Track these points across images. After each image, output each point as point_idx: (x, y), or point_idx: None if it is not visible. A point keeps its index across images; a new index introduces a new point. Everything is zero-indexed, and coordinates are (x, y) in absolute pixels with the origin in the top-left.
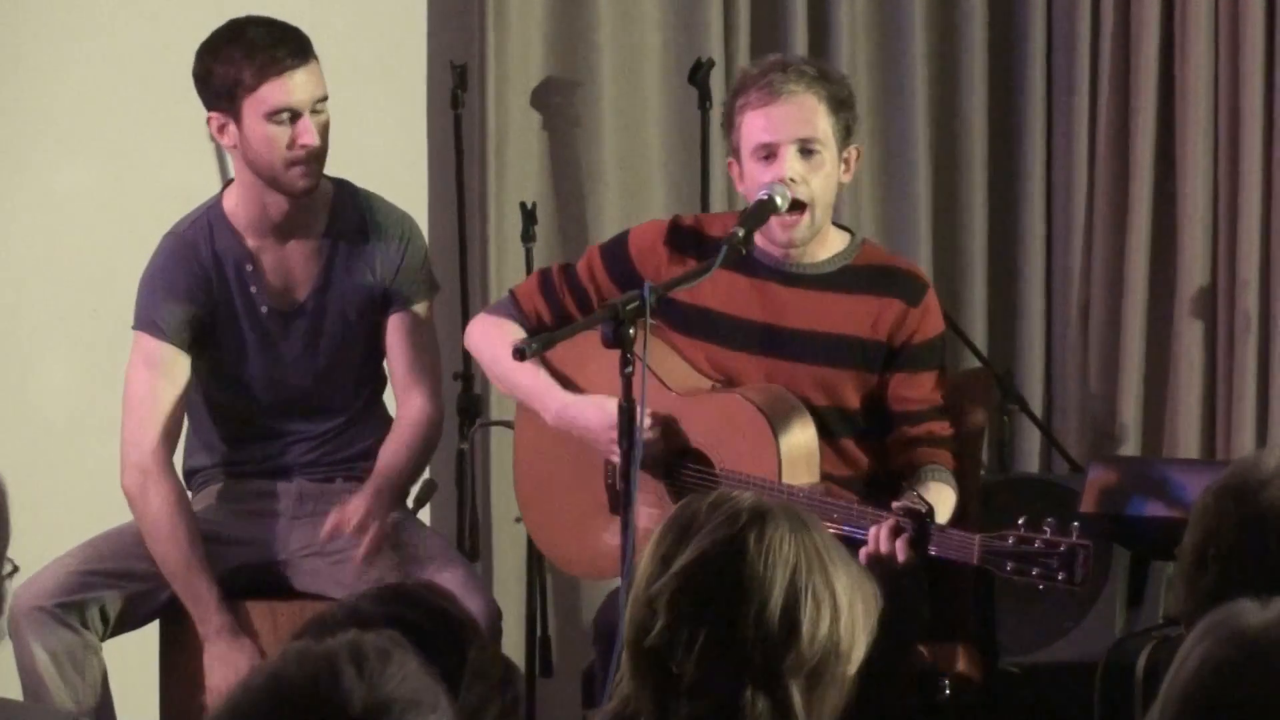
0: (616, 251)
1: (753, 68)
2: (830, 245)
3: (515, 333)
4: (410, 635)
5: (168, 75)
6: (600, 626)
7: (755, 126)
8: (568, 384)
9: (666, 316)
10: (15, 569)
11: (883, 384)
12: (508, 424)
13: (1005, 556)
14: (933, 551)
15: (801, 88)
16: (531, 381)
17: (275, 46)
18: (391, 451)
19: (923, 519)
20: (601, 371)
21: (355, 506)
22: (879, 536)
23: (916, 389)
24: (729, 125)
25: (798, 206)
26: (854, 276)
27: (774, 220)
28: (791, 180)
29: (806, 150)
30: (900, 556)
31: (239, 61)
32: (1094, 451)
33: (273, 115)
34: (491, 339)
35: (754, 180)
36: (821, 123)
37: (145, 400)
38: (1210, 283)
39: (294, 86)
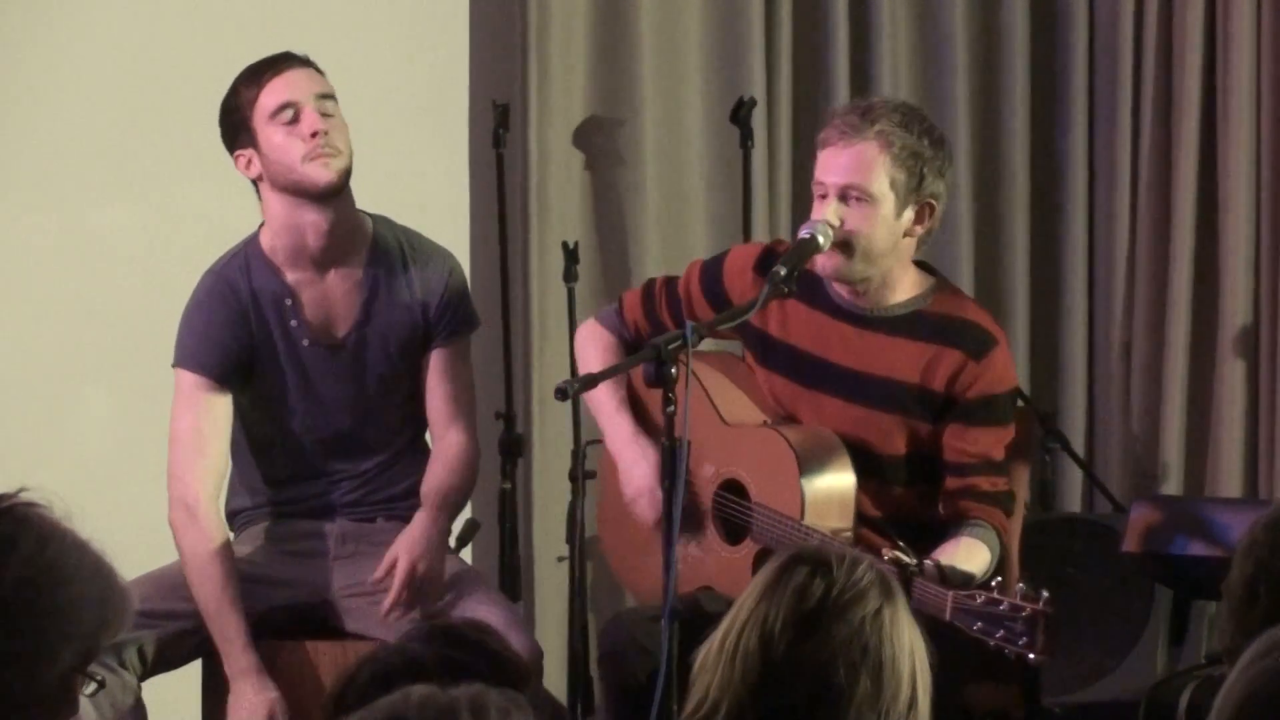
0: (713, 268)
1: (844, 105)
2: (904, 289)
3: (611, 344)
4: (462, 676)
5: (207, 113)
6: (603, 653)
7: (820, 165)
8: (647, 404)
9: (747, 342)
10: (102, 684)
11: (937, 433)
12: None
13: (974, 615)
14: (913, 604)
15: (871, 135)
16: (602, 406)
17: (270, 60)
18: (436, 474)
19: (907, 570)
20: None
21: (411, 540)
22: None
23: (970, 442)
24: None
25: (841, 247)
26: (922, 323)
27: (817, 256)
28: (827, 225)
29: (851, 198)
30: None
31: (241, 89)
32: (1136, 490)
33: (277, 114)
34: (586, 351)
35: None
36: (878, 174)
37: (190, 437)
38: (1252, 321)
39: (289, 82)
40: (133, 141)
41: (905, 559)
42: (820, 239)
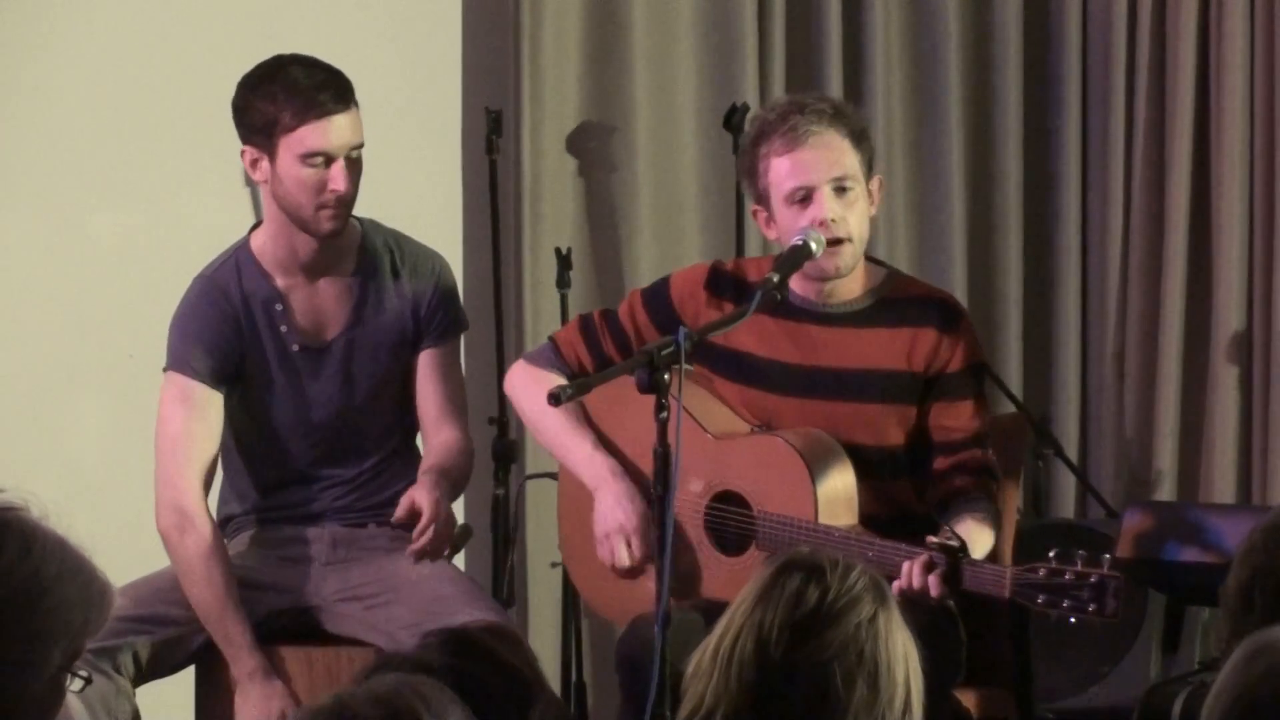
0: (658, 295)
1: (769, 113)
2: (863, 281)
3: (554, 380)
4: (470, 685)
5: (202, 119)
6: (622, 657)
7: (784, 172)
8: (605, 430)
9: (706, 360)
10: (88, 680)
11: (923, 415)
12: (550, 475)
13: (1037, 589)
14: (966, 586)
15: (824, 127)
16: (565, 438)
17: (318, 90)
18: (429, 459)
19: (955, 554)
20: (640, 415)
21: (422, 491)
22: (911, 572)
23: (955, 417)
24: (751, 173)
25: (835, 241)
26: (888, 309)
27: (822, 259)
28: (832, 220)
29: (840, 189)
30: (934, 592)
31: (280, 100)
32: (1129, 497)
33: (307, 157)
34: (529, 388)
35: (788, 225)
36: (849, 159)
37: (180, 440)
38: (1246, 328)
39: (332, 131)
40: (128, 147)
41: (952, 543)
42: (813, 245)
